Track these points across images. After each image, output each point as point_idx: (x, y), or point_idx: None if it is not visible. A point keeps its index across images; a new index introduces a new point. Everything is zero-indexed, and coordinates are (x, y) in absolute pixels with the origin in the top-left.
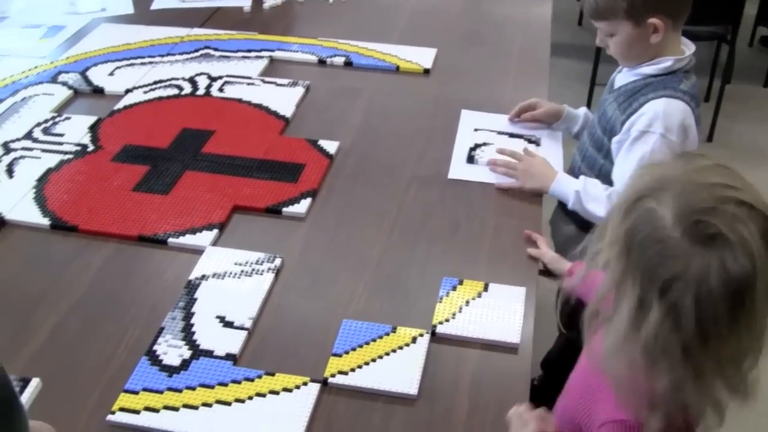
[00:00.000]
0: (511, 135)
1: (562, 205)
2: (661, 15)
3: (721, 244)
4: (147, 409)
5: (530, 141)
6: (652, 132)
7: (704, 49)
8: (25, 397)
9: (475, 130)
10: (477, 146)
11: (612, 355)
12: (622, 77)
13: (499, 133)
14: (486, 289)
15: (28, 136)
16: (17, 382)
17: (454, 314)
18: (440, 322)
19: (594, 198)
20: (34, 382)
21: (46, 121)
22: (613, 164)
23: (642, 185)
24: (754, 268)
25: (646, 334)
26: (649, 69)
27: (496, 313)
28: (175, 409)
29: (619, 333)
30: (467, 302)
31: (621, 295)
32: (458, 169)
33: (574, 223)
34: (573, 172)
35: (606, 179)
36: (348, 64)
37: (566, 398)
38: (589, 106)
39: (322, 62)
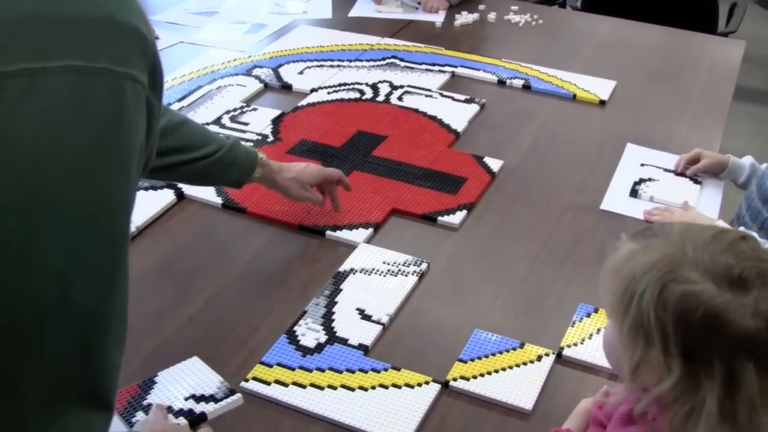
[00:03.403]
0: (676, 173)
1: None
2: None
3: (765, 276)
4: (277, 382)
5: (695, 182)
6: None
7: None
8: (220, 405)
9: (642, 165)
10: (642, 181)
11: None
12: None
13: (665, 170)
14: None
15: (217, 121)
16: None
17: (583, 340)
18: (568, 345)
19: None
20: (236, 397)
21: (235, 109)
22: None
23: (652, 277)
24: None
25: (744, 398)
26: None
27: None
28: (303, 386)
29: (712, 420)
30: (598, 330)
31: (700, 390)
32: (612, 202)
33: None
34: (738, 220)
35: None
36: (526, 87)
37: None
38: None
39: (501, 83)
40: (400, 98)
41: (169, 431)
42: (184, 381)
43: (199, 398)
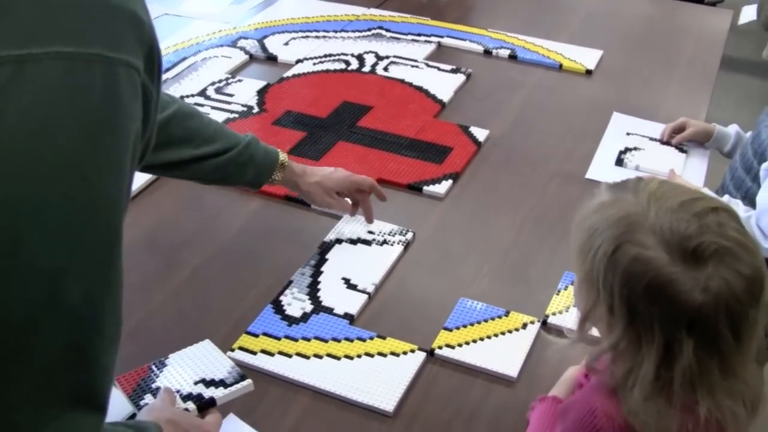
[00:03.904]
0: (662, 142)
1: None
2: None
3: (724, 254)
4: (263, 351)
5: (680, 150)
6: None
7: None
8: (230, 390)
9: (628, 134)
10: (627, 150)
11: (641, 406)
12: None
13: (651, 139)
14: None
15: (202, 93)
16: (235, 377)
17: (568, 308)
18: (553, 313)
19: None
20: (246, 383)
21: (220, 81)
22: (760, 188)
23: (610, 234)
24: (759, 260)
25: (681, 370)
26: None
27: None
28: (289, 355)
29: (647, 385)
30: None
31: (639, 353)
32: (598, 170)
33: None
34: (722, 189)
35: (752, 202)
36: (512, 57)
37: None
38: None
39: (487, 53)
40: (385, 69)
41: (177, 419)
42: (195, 364)
43: (209, 383)
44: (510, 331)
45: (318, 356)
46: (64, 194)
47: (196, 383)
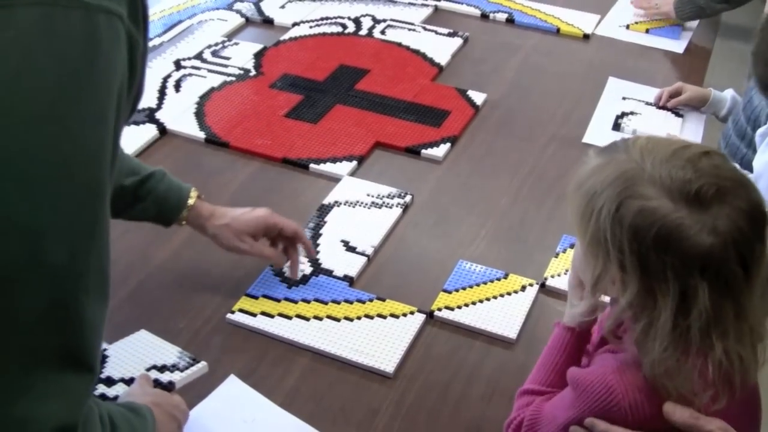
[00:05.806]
0: (658, 107)
1: None
2: None
3: (725, 194)
4: (263, 313)
5: (677, 114)
6: None
7: None
8: (187, 374)
9: (624, 98)
10: (624, 114)
11: (660, 356)
12: None
13: (647, 104)
14: None
15: (198, 56)
16: (187, 360)
17: (566, 270)
18: (552, 276)
19: None
20: (201, 365)
21: (216, 44)
22: (755, 154)
23: (610, 193)
24: (758, 195)
25: (697, 314)
26: None
27: None
28: (289, 317)
29: (665, 335)
30: None
31: (656, 307)
32: (595, 135)
33: None
34: None
35: (747, 168)
36: (510, 20)
37: None
38: None
39: (485, 16)
40: (382, 32)
41: (159, 401)
42: (139, 353)
43: (161, 368)
44: (509, 293)
45: (318, 318)
46: (43, 145)
47: (147, 370)
